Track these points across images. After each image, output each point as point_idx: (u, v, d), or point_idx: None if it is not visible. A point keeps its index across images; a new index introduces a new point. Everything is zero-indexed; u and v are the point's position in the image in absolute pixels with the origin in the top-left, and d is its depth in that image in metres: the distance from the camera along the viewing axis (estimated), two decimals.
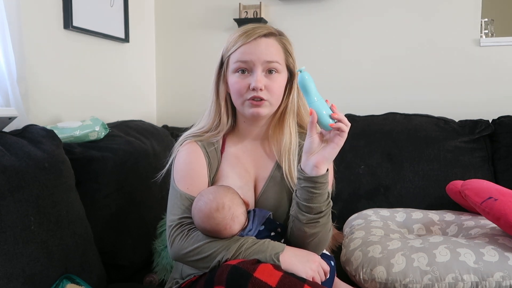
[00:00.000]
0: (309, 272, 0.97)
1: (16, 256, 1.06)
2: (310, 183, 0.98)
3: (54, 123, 1.63)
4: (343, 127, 0.97)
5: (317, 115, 0.96)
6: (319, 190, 0.99)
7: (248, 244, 0.98)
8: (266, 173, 1.16)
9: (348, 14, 2.17)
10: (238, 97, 1.10)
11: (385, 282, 1.22)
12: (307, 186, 0.99)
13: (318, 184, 0.98)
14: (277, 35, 1.12)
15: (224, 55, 1.13)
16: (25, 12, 1.54)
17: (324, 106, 0.97)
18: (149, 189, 1.60)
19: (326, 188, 1.01)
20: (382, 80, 2.14)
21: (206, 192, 1.04)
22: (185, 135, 1.18)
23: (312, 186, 0.98)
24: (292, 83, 1.15)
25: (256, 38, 1.08)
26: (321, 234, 1.03)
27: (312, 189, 0.98)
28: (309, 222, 1.01)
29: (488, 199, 1.30)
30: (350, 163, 1.86)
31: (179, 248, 1.02)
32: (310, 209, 1.00)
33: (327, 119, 0.97)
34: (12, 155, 1.15)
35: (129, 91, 2.20)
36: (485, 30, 2.09)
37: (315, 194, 0.99)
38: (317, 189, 0.98)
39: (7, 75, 1.41)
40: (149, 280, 1.47)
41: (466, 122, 1.88)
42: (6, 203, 1.07)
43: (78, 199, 1.33)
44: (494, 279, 1.16)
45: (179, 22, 2.39)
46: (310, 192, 0.99)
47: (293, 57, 1.15)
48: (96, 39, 1.93)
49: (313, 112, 0.96)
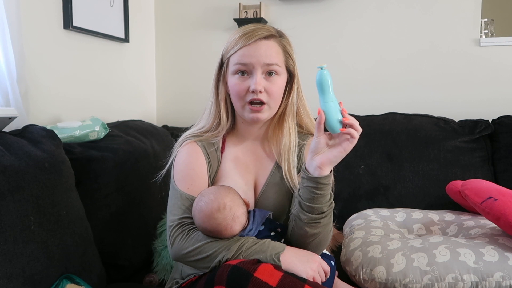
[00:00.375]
0: (309, 272, 0.97)
1: (16, 256, 1.06)
2: (313, 183, 0.98)
3: (54, 123, 1.63)
4: (354, 133, 0.95)
5: (327, 117, 0.95)
6: (321, 191, 0.98)
7: (248, 244, 0.98)
8: (266, 173, 1.16)
9: (348, 14, 2.17)
10: (237, 100, 1.10)
11: (385, 282, 1.22)
12: (310, 186, 0.99)
13: (320, 185, 0.98)
14: (277, 37, 1.12)
15: (224, 56, 1.13)
16: (25, 12, 1.54)
17: (336, 109, 0.95)
18: (149, 189, 1.60)
19: (329, 189, 1.00)
20: (382, 80, 2.15)
21: (207, 192, 1.04)
22: (185, 135, 1.18)
23: (314, 187, 0.98)
24: (292, 84, 1.15)
25: (256, 41, 1.07)
26: (322, 234, 1.03)
27: (314, 189, 0.98)
28: (310, 222, 1.01)
29: (488, 199, 1.30)
30: (350, 163, 1.86)
31: (179, 248, 1.02)
32: (312, 209, 1.00)
33: (336, 123, 0.95)
34: (12, 155, 1.15)
35: (129, 91, 2.20)
36: (485, 30, 2.09)
37: (317, 195, 0.99)
38: (320, 190, 0.98)
39: (7, 75, 1.41)
40: (149, 280, 1.47)
41: (466, 122, 1.88)
42: (6, 203, 1.07)
43: (78, 199, 1.33)
44: (494, 279, 1.16)
45: (179, 22, 2.39)
46: (312, 192, 0.99)
47: (293, 59, 1.14)
48: (96, 39, 1.93)
49: (321, 112, 0.95)
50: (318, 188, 0.98)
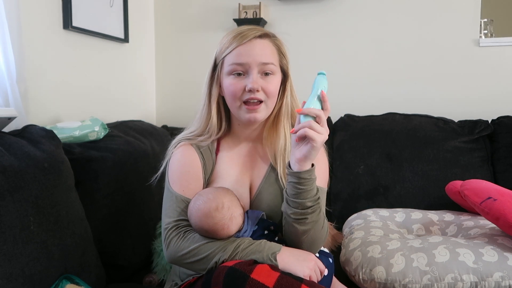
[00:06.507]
0: (306, 271, 0.97)
1: (16, 256, 1.06)
2: (295, 178, 0.98)
3: (53, 123, 1.63)
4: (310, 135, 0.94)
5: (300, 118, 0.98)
6: (304, 186, 0.98)
7: (244, 244, 0.98)
8: (261, 175, 1.15)
9: (347, 14, 2.17)
10: (233, 100, 1.09)
11: (384, 282, 1.22)
12: (293, 182, 0.98)
13: (302, 180, 0.97)
14: (271, 36, 1.12)
15: (217, 57, 1.12)
16: (25, 12, 1.54)
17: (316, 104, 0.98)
18: (149, 189, 1.59)
19: (313, 184, 0.99)
20: (382, 80, 2.15)
21: (206, 192, 1.04)
22: (178, 138, 1.17)
23: (297, 182, 0.98)
24: (285, 84, 1.15)
25: (251, 39, 1.07)
26: (312, 231, 1.02)
27: (298, 184, 0.98)
28: (298, 218, 1.00)
29: (488, 199, 1.30)
30: (349, 163, 1.86)
31: (175, 250, 1.02)
32: (297, 204, 0.99)
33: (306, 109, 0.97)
34: (11, 155, 1.15)
35: (128, 91, 2.20)
36: (484, 31, 2.08)
37: (300, 190, 0.98)
38: (302, 185, 0.98)
39: (6, 75, 1.41)
40: (148, 280, 1.47)
41: (465, 122, 1.88)
42: (5, 203, 1.07)
43: (77, 199, 1.33)
44: (493, 279, 1.16)
45: (179, 22, 2.40)
46: (296, 188, 0.98)
47: (287, 58, 1.14)
48: (95, 39, 1.93)
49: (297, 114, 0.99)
50: (301, 183, 0.98)
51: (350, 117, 1.99)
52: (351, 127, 1.94)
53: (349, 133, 1.93)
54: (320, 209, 1.03)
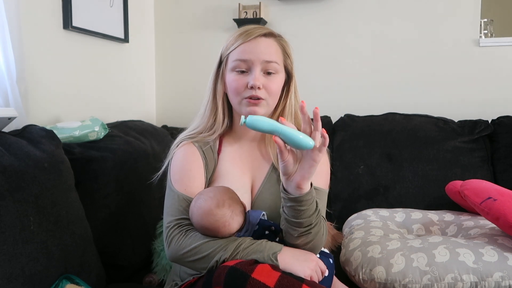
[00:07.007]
0: (307, 271, 0.97)
1: (16, 256, 1.06)
2: (296, 202, 0.96)
3: (53, 123, 1.63)
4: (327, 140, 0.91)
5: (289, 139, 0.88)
6: (306, 206, 0.96)
7: (245, 244, 0.98)
8: (263, 175, 1.16)
9: (347, 14, 2.17)
10: (235, 96, 1.10)
11: (384, 282, 1.22)
12: (293, 205, 0.96)
13: (304, 202, 0.96)
14: (277, 36, 1.13)
15: (223, 54, 1.13)
16: (25, 12, 1.54)
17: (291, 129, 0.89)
18: (149, 189, 1.59)
19: (313, 200, 0.98)
20: (382, 80, 2.15)
21: (207, 191, 1.05)
22: (181, 137, 1.18)
23: (298, 205, 0.96)
24: (289, 85, 1.15)
25: (256, 37, 1.09)
26: (314, 240, 1.02)
27: (299, 206, 0.96)
28: (301, 235, 1.00)
29: (488, 199, 1.30)
30: (349, 163, 1.86)
31: (176, 249, 1.02)
32: (300, 224, 0.98)
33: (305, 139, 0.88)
34: (11, 155, 1.15)
35: (128, 91, 2.20)
36: (484, 31, 2.09)
37: (302, 211, 0.96)
38: (304, 205, 0.96)
39: (6, 75, 1.41)
40: (148, 280, 1.47)
41: (465, 122, 1.88)
42: (5, 203, 1.07)
43: (77, 199, 1.33)
44: (493, 279, 1.16)
45: (179, 23, 2.39)
46: (297, 210, 0.96)
47: (291, 59, 1.15)
48: (95, 39, 1.93)
49: (277, 139, 0.89)
50: (302, 205, 0.96)
51: (350, 117, 1.99)
52: (351, 127, 1.94)
53: (349, 133, 1.93)
54: (321, 221, 1.02)
